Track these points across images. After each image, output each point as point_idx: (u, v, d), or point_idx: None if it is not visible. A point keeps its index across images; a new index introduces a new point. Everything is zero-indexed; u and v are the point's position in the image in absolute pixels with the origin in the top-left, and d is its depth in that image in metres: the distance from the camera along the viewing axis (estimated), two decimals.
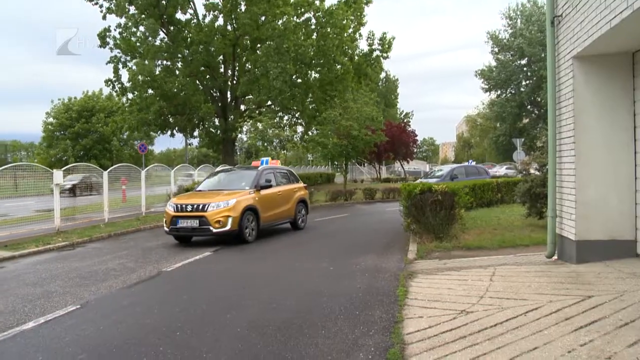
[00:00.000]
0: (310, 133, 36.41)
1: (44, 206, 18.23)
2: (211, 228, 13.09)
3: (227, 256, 12.02)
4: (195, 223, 13.26)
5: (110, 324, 6.72)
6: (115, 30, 30.80)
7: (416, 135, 50.48)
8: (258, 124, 30.48)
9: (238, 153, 61.45)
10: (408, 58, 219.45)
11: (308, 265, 10.32)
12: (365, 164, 52.78)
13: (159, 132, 33.40)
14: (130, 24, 30.63)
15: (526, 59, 66.49)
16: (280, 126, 31.85)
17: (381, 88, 68.04)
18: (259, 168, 15.69)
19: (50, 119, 61.37)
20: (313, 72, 32.54)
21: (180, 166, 28.87)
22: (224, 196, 13.72)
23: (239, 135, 37.44)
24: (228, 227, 13.17)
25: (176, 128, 33.81)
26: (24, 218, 17.62)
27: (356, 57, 33.25)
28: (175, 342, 5.83)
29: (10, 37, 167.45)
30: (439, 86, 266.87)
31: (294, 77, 30.35)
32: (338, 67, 31.43)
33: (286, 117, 35.96)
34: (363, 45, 33.14)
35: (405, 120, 64.22)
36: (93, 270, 10.56)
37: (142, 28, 30.60)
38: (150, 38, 30.66)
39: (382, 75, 51.46)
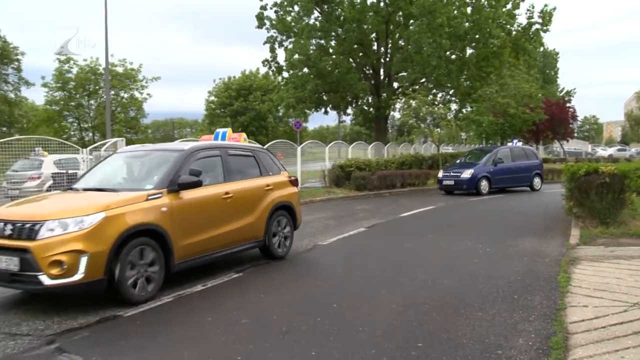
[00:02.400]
0: (464, 111, 35.48)
1: None
2: (41, 276, 5.97)
3: (382, 229, 12.17)
4: (12, 264, 6.13)
5: (267, 288, 7.11)
6: (271, 9, 31.84)
7: (576, 113, 47.44)
8: (411, 101, 30.07)
9: (390, 131, 61.46)
10: (569, 30, 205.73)
11: (461, 247, 10.11)
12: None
13: (314, 109, 34.25)
14: (285, 3, 31.50)
15: None
16: (433, 103, 31.16)
17: (539, 63, 64.36)
18: (187, 148, 7.99)
19: (212, 98, 64.89)
20: (468, 47, 31.52)
21: (333, 143, 29.45)
22: (82, 206, 6.49)
23: (392, 113, 37.20)
24: (78, 276, 6.04)
25: (330, 105, 34.45)
26: None
27: (513, 32, 31.68)
28: (332, 314, 6.02)
29: (178, 22, 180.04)
30: (604, 60, 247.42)
31: (448, 52, 29.61)
32: (494, 41, 30.15)
33: (440, 95, 35.25)
34: (521, 19, 31.34)
35: (565, 98, 60.31)
36: None
37: (296, 7, 31.36)
38: (304, 17, 31.39)
39: (541, 49, 48.46)
